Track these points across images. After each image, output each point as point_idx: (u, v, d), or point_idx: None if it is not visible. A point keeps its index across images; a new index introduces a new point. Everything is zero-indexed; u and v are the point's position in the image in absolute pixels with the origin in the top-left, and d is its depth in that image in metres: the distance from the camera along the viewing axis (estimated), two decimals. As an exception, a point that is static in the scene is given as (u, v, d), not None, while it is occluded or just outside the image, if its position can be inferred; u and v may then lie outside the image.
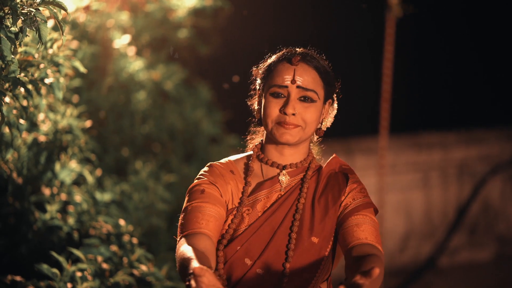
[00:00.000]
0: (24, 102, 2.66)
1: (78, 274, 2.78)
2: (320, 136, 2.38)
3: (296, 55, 2.26)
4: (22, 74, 2.58)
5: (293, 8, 7.43)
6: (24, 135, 3.15)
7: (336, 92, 2.36)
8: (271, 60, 2.32)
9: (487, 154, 7.47)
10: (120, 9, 5.33)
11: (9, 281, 2.79)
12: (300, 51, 2.29)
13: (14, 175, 3.13)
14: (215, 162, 2.34)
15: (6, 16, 2.29)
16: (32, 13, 2.28)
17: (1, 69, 2.43)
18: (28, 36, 2.36)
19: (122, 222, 3.33)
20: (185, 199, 2.28)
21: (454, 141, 7.39)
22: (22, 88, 2.52)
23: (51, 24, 2.85)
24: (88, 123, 3.63)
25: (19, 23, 2.30)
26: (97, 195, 3.56)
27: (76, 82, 4.10)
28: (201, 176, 2.30)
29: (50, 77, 2.69)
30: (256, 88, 2.37)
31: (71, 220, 3.25)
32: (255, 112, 2.39)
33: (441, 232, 7.25)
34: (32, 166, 3.19)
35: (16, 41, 2.32)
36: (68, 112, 3.32)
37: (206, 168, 2.33)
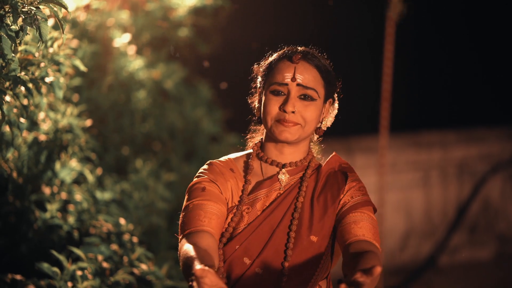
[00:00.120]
0: (24, 101, 2.65)
1: (79, 273, 2.78)
2: (320, 135, 2.37)
3: (297, 53, 2.26)
4: (23, 73, 2.57)
5: (294, 7, 7.43)
6: (24, 134, 3.15)
7: (337, 92, 2.35)
8: (272, 58, 2.31)
9: (487, 153, 7.47)
10: (121, 8, 5.32)
11: (10, 280, 2.79)
12: (301, 49, 2.29)
13: (14, 174, 3.12)
14: (214, 160, 2.33)
15: (7, 15, 2.29)
16: (32, 12, 2.28)
17: (1, 68, 2.43)
18: (29, 34, 2.36)
19: (122, 221, 3.33)
20: (185, 198, 2.26)
21: (454, 140, 7.39)
22: (22, 87, 2.51)
23: (52, 22, 2.84)
24: (88, 122, 3.63)
25: (20, 22, 2.30)
26: (97, 194, 3.56)
27: (77, 81, 4.10)
28: (201, 174, 2.28)
29: (50, 76, 2.69)
30: (257, 86, 2.36)
31: (71, 219, 3.25)
32: (255, 110, 2.38)
33: (441, 231, 7.25)
34: (32, 165, 3.19)
35: (17, 40, 2.32)
36: (68, 111, 3.32)
37: (206, 166, 2.31)
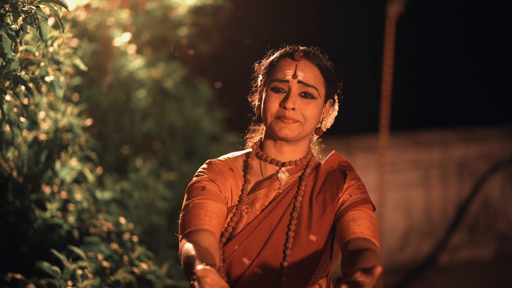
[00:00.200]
0: (24, 100, 2.65)
1: (79, 272, 2.78)
2: (319, 135, 2.36)
3: (299, 51, 2.26)
4: (23, 72, 2.57)
5: (294, 6, 7.43)
6: (24, 133, 3.15)
7: (337, 94, 2.35)
8: (274, 56, 2.31)
9: (488, 152, 7.46)
10: (121, 7, 5.32)
11: (10, 279, 2.79)
12: (303, 48, 2.29)
13: (14, 174, 3.12)
14: (214, 159, 2.31)
15: (7, 14, 2.29)
16: (32, 11, 2.28)
17: (2, 67, 2.43)
18: (29, 33, 2.36)
19: (122, 220, 3.33)
20: (184, 197, 2.25)
21: (454, 139, 7.39)
22: (22, 86, 2.51)
23: (52, 22, 2.84)
24: (88, 122, 3.63)
25: (20, 21, 2.30)
26: (98, 194, 3.56)
27: (77, 80, 4.10)
28: (200, 173, 2.27)
29: (50, 75, 2.68)
30: (258, 85, 2.35)
31: (71, 219, 3.25)
32: (255, 108, 2.37)
33: (441, 230, 7.25)
34: (32, 164, 3.19)
35: (17, 39, 2.32)
36: (68, 111, 3.32)
37: (205, 165, 2.29)
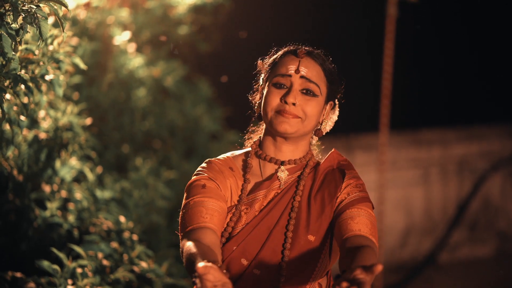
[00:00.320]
0: (24, 99, 2.65)
1: (79, 270, 2.78)
2: (319, 137, 2.34)
3: (303, 48, 2.26)
4: (23, 71, 2.57)
5: (294, 4, 7.43)
6: (24, 132, 3.15)
7: (338, 98, 2.34)
8: (277, 54, 2.31)
9: (488, 150, 7.47)
10: (121, 5, 5.32)
11: (10, 277, 2.79)
12: (307, 48, 2.29)
13: (14, 172, 3.13)
14: (213, 158, 2.30)
15: (7, 13, 2.29)
16: (32, 10, 2.28)
17: (2, 66, 2.43)
18: (29, 32, 2.36)
19: (122, 218, 3.33)
20: (184, 196, 2.23)
21: (454, 138, 7.39)
22: (22, 85, 2.51)
23: (52, 20, 2.84)
24: (88, 121, 3.63)
25: (20, 20, 2.30)
26: (97, 193, 3.56)
27: (77, 79, 4.10)
28: (200, 172, 2.26)
29: (50, 73, 2.69)
30: (259, 83, 2.34)
31: (71, 217, 3.25)
32: (255, 106, 2.36)
33: (441, 228, 7.26)
34: (32, 163, 3.19)
35: (17, 38, 2.32)
36: (68, 109, 3.33)
37: (205, 164, 2.28)
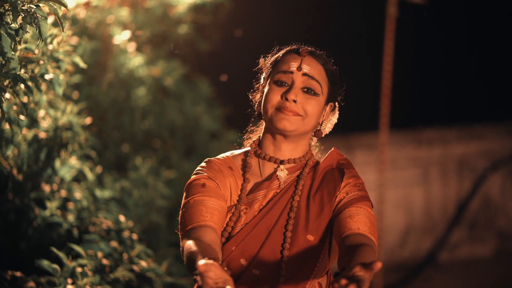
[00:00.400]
0: (24, 99, 2.65)
1: (79, 269, 2.78)
2: (318, 138, 2.34)
3: (305, 47, 2.26)
4: (23, 71, 2.57)
5: (294, 3, 7.43)
6: (24, 131, 3.15)
7: (338, 100, 2.33)
8: (279, 52, 2.30)
9: (487, 149, 7.47)
10: (120, 5, 5.32)
11: (10, 276, 2.80)
12: (309, 48, 2.29)
13: (14, 172, 3.13)
14: (213, 158, 2.29)
15: (7, 13, 2.29)
16: (32, 10, 2.28)
17: (1, 66, 2.43)
18: (28, 32, 2.36)
19: (122, 218, 3.33)
20: (183, 195, 2.23)
21: (454, 137, 7.39)
22: (22, 85, 2.51)
23: (51, 20, 2.84)
24: (88, 120, 3.63)
25: (19, 20, 2.30)
26: (97, 192, 3.56)
27: (76, 78, 4.10)
28: (199, 171, 2.25)
29: (50, 73, 2.69)
30: (260, 82, 2.34)
31: (71, 217, 3.25)
32: (256, 105, 2.35)
33: (441, 227, 7.26)
34: (32, 162, 3.19)
35: (17, 38, 2.32)
36: (68, 109, 3.33)
37: (204, 163, 2.27)
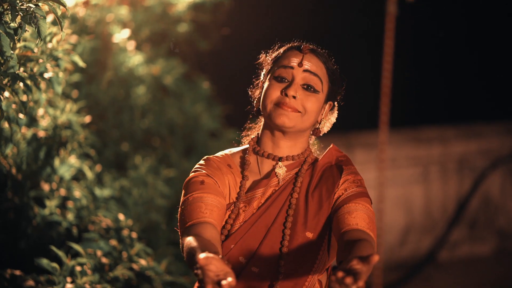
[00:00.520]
0: (23, 97, 2.65)
1: (78, 268, 2.78)
2: (316, 136, 2.34)
3: (307, 45, 2.26)
4: (22, 69, 2.57)
5: (293, 2, 7.43)
6: (23, 130, 3.15)
7: (337, 99, 2.33)
8: (280, 49, 2.30)
9: (487, 148, 7.46)
10: (120, 3, 5.32)
11: (9, 275, 2.80)
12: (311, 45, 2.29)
13: (13, 170, 3.13)
14: (211, 156, 2.29)
15: (5, 12, 2.29)
16: (31, 9, 2.28)
17: (0, 65, 2.43)
18: (27, 31, 2.36)
19: (121, 216, 3.33)
20: (182, 193, 2.23)
21: (454, 136, 7.39)
22: (21, 83, 2.51)
23: (51, 18, 2.84)
24: (87, 119, 3.63)
25: (18, 19, 2.30)
26: (96, 191, 3.56)
27: (76, 76, 4.10)
28: (198, 168, 2.25)
29: (49, 71, 2.68)
30: (260, 78, 2.34)
31: (70, 216, 3.25)
32: (255, 101, 2.35)
33: (441, 226, 7.25)
34: (31, 161, 3.19)
35: (15, 37, 2.32)
36: (67, 107, 3.32)
37: (203, 161, 2.27)
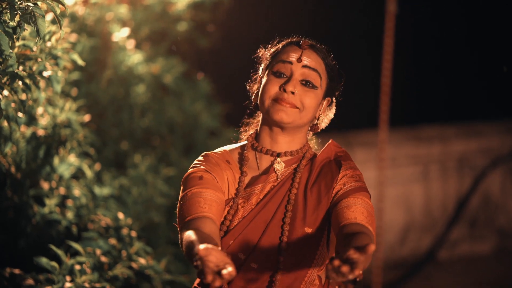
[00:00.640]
0: (22, 96, 2.65)
1: (77, 267, 2.78)
2: (314, 132, 2.34)
3: (306, 40, 2.26)
4: (21, 68, 2.57)
5: (293, 1, 7.42)
6: (22, 129, 3.15)
7: (336, 96, 2.33)
8: (279, 44, 2.30)
9: (487, 147, 7.46)
10: (119, 2, 5.32)
11: (8, 274, 2.80)
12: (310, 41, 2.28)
13: (12, 169, 3.12)
14: (210, 152, 2.30)
15: (4, 11, 2.29)
16: (30, 8, 2.28)
17: (-1, 64, 2.43)
18: (26, 30, 2.36)
19: (121, 215, 3.33)
20: (181, 188, 2.23)
21: (454, 134, 7.39)
22: (20, 82, 2.51)
23: (50, 17, 2.84)
24: (87, 117, 3.63)
25: (17, 18, 2.30)
26: (96, 190, 3.56)
27: (75, 75, 4.10)
28: (196, 164, 2.26)
29: (48, 70, 2.68)
30: (258, 73, 2.33)
31: (69, 214, 3.25)
32: (253, 96, 2.35)
33: (441, 225, 7.25)
34: (30, 160, 3.19)
35: (14, 36, 2.32)
36: (67, 106, 3.32)
37: (201, 157, 2.28)
